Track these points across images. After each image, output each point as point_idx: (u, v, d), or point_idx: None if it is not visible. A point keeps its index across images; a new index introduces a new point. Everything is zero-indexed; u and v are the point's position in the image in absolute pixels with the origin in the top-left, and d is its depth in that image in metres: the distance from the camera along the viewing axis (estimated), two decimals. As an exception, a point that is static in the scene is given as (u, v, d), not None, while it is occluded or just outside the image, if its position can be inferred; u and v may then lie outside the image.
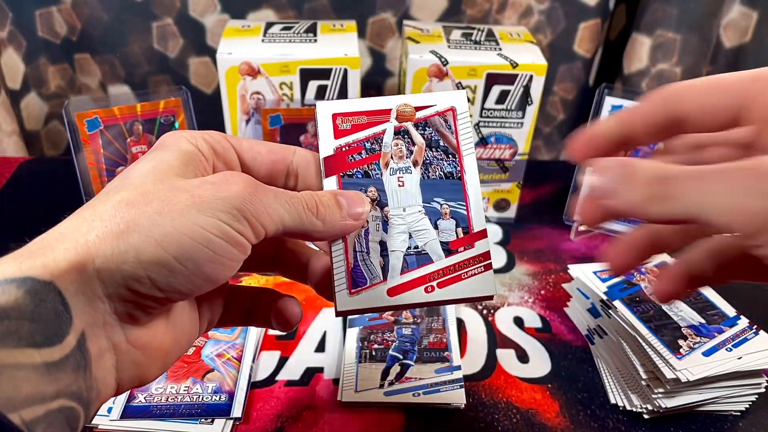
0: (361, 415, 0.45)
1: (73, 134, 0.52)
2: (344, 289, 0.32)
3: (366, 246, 0.33)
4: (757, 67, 0.78)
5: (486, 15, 0.75)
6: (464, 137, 0.34)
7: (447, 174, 0.34)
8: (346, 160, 0.33)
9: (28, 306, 0.22)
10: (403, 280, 0.33)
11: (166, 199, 0.25)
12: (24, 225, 0.63)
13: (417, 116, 0.34)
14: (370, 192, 0.33)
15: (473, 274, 0.33)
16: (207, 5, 0.73)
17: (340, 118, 0.34)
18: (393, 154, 0.34)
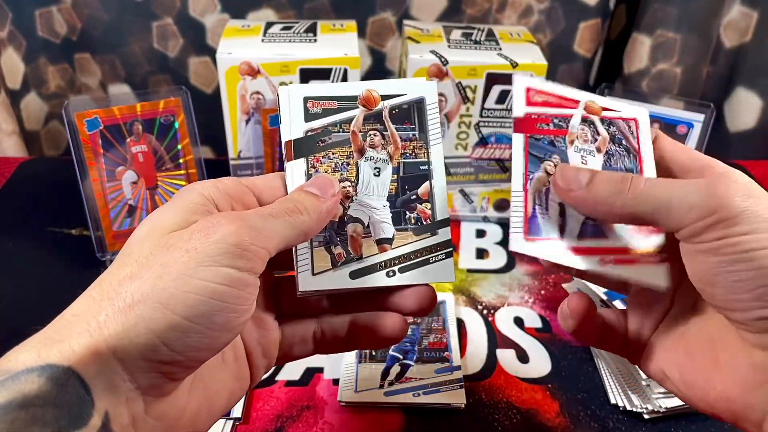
0: (361, 415, 0.45)
1: (73, 134, 0.52)
2: (520, 233, 0.33)
3: (546, 203, 0.33)
4: (757, 66, 0.78)
5: (486, 15, 0.75)
6: (645, 145, 0.35)
7: (628, 169, 0.34)
8: (535, 126, 0.34)
9: (51, 392, 0.22)
10: (579, 244, 0.33)
11: (164, 261, 0.25)
12: (24, 225, 0.63)
13: (603, 114, 0.35)
14: (555, 158, 0.34)
15: (649, 261, 0.33)
16: (207, 5, 0.73)
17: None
18: (579, 135, 0.34)
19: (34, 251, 0.59)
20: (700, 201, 0.28)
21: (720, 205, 0.27)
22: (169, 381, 0.26)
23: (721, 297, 0.28)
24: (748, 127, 0.78)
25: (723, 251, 0.27)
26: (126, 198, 0.55)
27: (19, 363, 0.23)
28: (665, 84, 0.74)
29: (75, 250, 0.59)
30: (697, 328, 0.32)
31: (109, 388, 0.24)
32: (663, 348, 0.33)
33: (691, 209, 0.28)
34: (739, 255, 0.27)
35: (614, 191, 0.29)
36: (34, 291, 0.55)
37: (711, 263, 0.28)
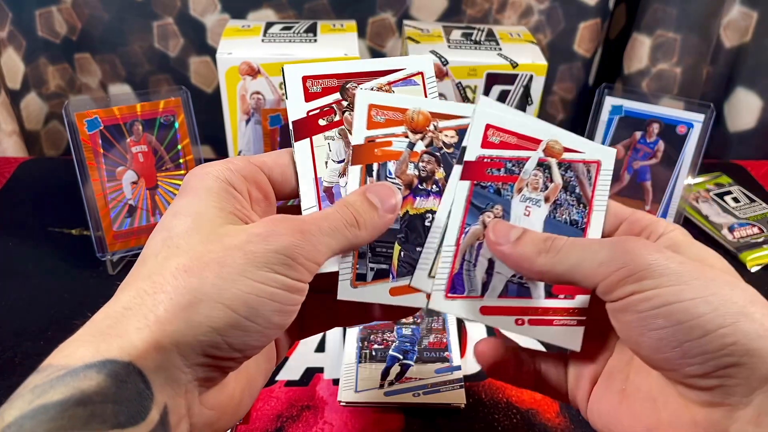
0: (361, 415, 0.45)
1: (73, 134, 0.52)
2: (441, 291, 0.33)
3: (475, 258, 0.33)
4: (757, 66, 0.78)
5: (486, 15, 0.75)
6: (600, 193, 0.34)
7: (573, 221, 0.34)
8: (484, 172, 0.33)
9: (111, 389, 0.22)
10: (498, 303, 0.33)
11: (221, 261, 0.25)
12: (24, 225, 0.63)
13: (563, 156, 0.34)
14: (496, 210, 0.33)
15: (565, 323, 0.33)
16: (207, 5, 0.73)
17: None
18: (530, 182, 0.33)
19: (34, 251, 0.59)
20: (609, 256, 0.28)
21: (628, 260, 0.27)
22: (223, 374, 0.27)
23: (649, 357, 0.28)
24: (748, 127, 0.78)
25: (638, 308, 0.27)
26: (126, 198, 0.55)
27: (76, 358, 0.23)
28: (665, 84, 0.74)
29: (75, 250, 0.59)
30: (636, 386, 0.31)
31: (169, 381, 0.24)
32: (606, 404, 0.32)
33: (600, 265, 0.28)
34: (656, 311, 0.26)
35: (536, 250, 0.30)
36: (34, 291, 0.55)
37: (631, 322, 0.27)
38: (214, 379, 0.27)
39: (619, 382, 0.32)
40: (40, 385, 0.22)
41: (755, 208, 0.67)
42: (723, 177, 0.72)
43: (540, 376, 0.35)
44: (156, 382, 0.24)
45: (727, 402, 0.26)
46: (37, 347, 0.49)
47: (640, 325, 0.27)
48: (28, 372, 0.24)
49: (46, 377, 0.22)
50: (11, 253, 0.59)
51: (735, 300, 0.26)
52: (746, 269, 0.60)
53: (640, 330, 0.27)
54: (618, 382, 0.32)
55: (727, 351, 0.25)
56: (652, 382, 0.30)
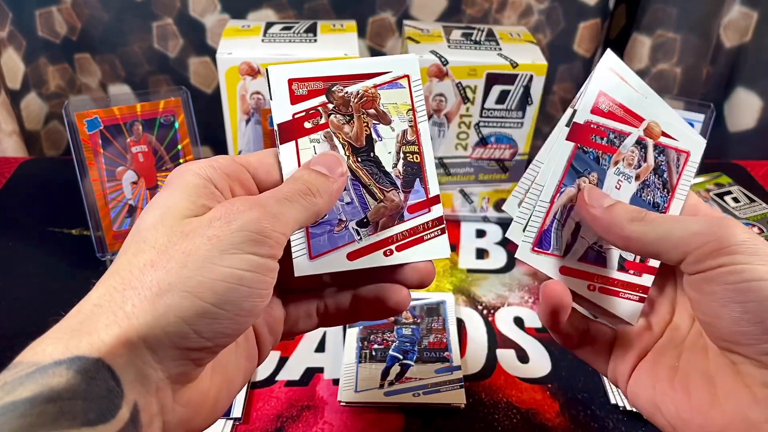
0: (361, 415, 0.45)
1: (73, 134, 0.52)
2: (529, 243, 0.34)
3: (565, 219, 0.34)
4: (757, 66, 0.78)
5: (486, 15, 0.75)
6: (684, 182, 0.36)
7: (655, 203, 0.35)
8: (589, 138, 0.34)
9: (80, 386, 0.22)
10: (576, 266, 0.35)
11: (185, 250, 0.25)
12: (24, 225, 0.63)
13: (660, 140, 0.35)
14: (592, 176, 0.34)
15: (629, 297, 0.35)
16: (207, 5, 0.73)
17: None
18: (626, 157, 0.35)
19: (34, 251, 0.59)
20: (704, 228, 0.29)
21: (723, 234, 0.28)
22: (196, 367, 0.26)
23: (726, 330, 0.28)
24: (748, 127, 0.78)
25: (727, 279, 0.28)
26: (126, 198, 0.55)
27: (46, 355, 0.23)
28: (665, 84, 0.74)
29: (75, 250, 0.59)
30: (691, 364, 0.32)
31: (139, 378, 0.24)
32: (654, 380, 0.33)
33: (694, 235, 0.29)
34: (744, 284, 0.27)
35: (629, 217, 0.31)
36: (34, 291, 0.55)
37: (716, 294, 0.28)
38: (187, 374, 0.26)
39: (671, 359, 0.33)
40: (9, 381, 0.22)
41: (755, 208, 0.67)
42: (723, 177, 0.72)
43: (586, 337, 0.36)
44: (126, 379, 0.23)
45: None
46: (37, 347, 0.49)
47: (725, 296, 0.28)
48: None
49: (16, 374, 0.22)
50: (11, 253, 0.59)
51: None
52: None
53: (724, 302, 0.28)
54: (669, 359, 0.33)
55: None
56: (709, 362, 0.31)
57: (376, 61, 0.34)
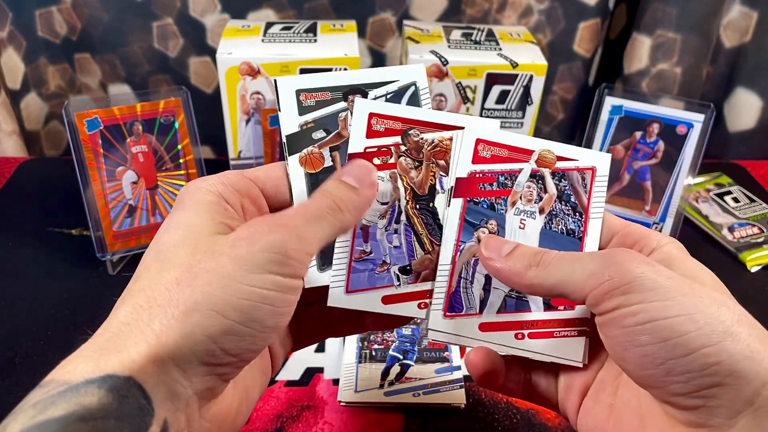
0: (361, 415, 0.45)
1: (73, 134, 0.52)
2: (440, 310, 0.33)
3: (472, 275, 0.33)
4: (757, 66, 0.78)
5: (486, 15, 0.75)
6: (596, 200, 0.34)
7: (569, 230, 0.34)
8: (477, 188, 0.33)
9: (112, 404, 0.22)
10: (497, 319, 0.33)
11: (210, 268, 0.25)
12: (24, 225, 0.63)
13: (556, 165, 0.34)
14: (491, 224, 0.33)
15: (566, 335, 0.33)
16: (207, 5, 0.73)
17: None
18: (523, 195, 0.33)
19: (34, 251, 0.59)
20: (597, 268, 0.27)
21: (615, 271, 0.27)
22: (222, 382, 0.27)
23: (634, 374, 0.27)
24: (748, 127, 0.78)
25: (624, 323, 0.26)
26: (126, 198, 0.55)
27: (77, 374, 0.23)
28: (665, 84, 0.74)
29: (75, 250, 0.59)
30: (624, 402, 0.31)
31: (169, 395, 0.24)
32: (595, 420, 0.32)
33: (589, 276, 0.28)
34: (641, 327, 0.26)
35: (527, 264, 0.30)
36: (34, 291, 0.55)
37: (617, 336, 0.27)
38: (214, 389, 0.27)
39: (609, 396, 0.31)
40: (42, 400, 0.22)
41: (755, 208, 0.67)
42: (723, 177, 0.72)
43: (530, 385, 0.35)
44: (156, 397, 0.24)
45: (710, 423, 0.26)
46: (37, 347, 0.49)
47: (625, 340, 0.27)
48: (28, 372, 0.24)
49: (48, 393, 0.23)
50: (11, 253, 0.59)
51: (722, 319, 0.25)
52: (746, 269, 0.60)
53: (624, 345, 0.27)
54: (607, 396, 0.31)
55: (710, 371, 0.25)
56: (641, 399, 0.29)
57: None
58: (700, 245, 0.64)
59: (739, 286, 0.58)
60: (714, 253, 0.63)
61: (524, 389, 0.35)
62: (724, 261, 0.62)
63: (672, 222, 0.60)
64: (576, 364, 0.33)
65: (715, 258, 0.62)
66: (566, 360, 0.33)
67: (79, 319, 0.51)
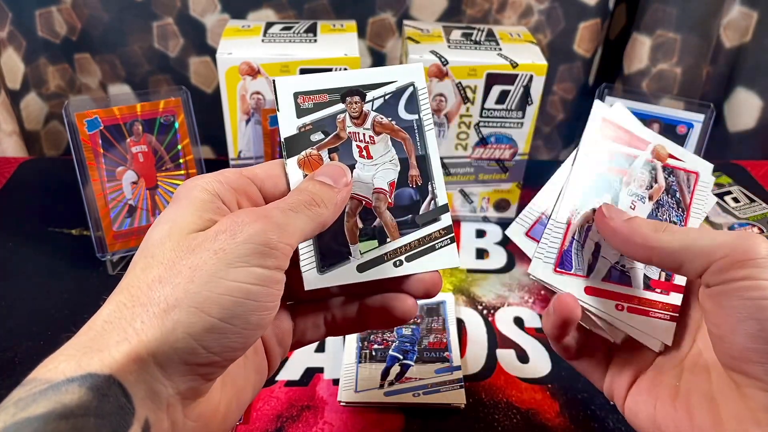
0: (361, 415, 0.45)
1: (73, 134, 0.52)
2: (551, 263, 0.34)
3: (584, 239, 0.35)
4: (757, 66, 0.78)
5: (486, 15, 0.75)
6: (698, 203, 0.37)
7: (672, 222, 0.36)
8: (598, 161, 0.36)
9: (92, 402, 0.22)
10: (602, 286, 0.35)
11: (192, 265, 0.25)
12: (24, 225, 0.63)
13: (667, 161, 0.36)
14: (606, 196, 0.35)
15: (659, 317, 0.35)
16: (207, 5, 0.73)
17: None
18: (637, 178, 0.36)
19: (34, 251, 0.59)
20: (729, 240, 0.28)
21: (747, 246, 0.28)
22: (206, 381, 0.26)
23: (739, 346, 0.28)
24: (748, 127, 0.78)
25: (747, 294, 0.27)
26: (126, 198, 0.55)
27: (58, 372, 0.23)
28: (665, 84, 0.74)
29: (75, 250, 0.59)
30: (692, 385, 0.31)
31: (150, 395, 0.24)
32: (654, 399, 0.32)
33: (719, 246, 0.28)
34: (765, 302, 0.27)
35: (652, 227, 0.31)
36: (34, 291, 0.55)
37: (734, 308, 0.28)
38: (197, 389, 0.26)
39: (671, 378, 0.32)
40: (23, 398, 0.22)
41: (755, 208, 0.67)
42: (723, 177, 0.72)
43: (584, 350, 0.36)
44: (137, 395, 0.24)
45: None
46: (37, 347, 0.49)
47: (743, 311, 0.27)
48: (28, 372, 0.24)
49: (29, 391, 0.23)
50: (11, 253, 0.59)
51: None
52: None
53: (741, 317, 0.27)
54: (670, 378, 0.32)
55: None
56: (712, 383, 0.30)
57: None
58: (700, 245, 0.64)
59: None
60: (714, 253, 0.63)
61: (578, 351, 0.36)
62: (724, 261, 0.62)
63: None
64: (659, 347, 0.34)
65: (715, 258, 0.62)
66: (656, 340, 0.34)
67: (79, 319, 0.51)
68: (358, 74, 0.34)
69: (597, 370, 0.36)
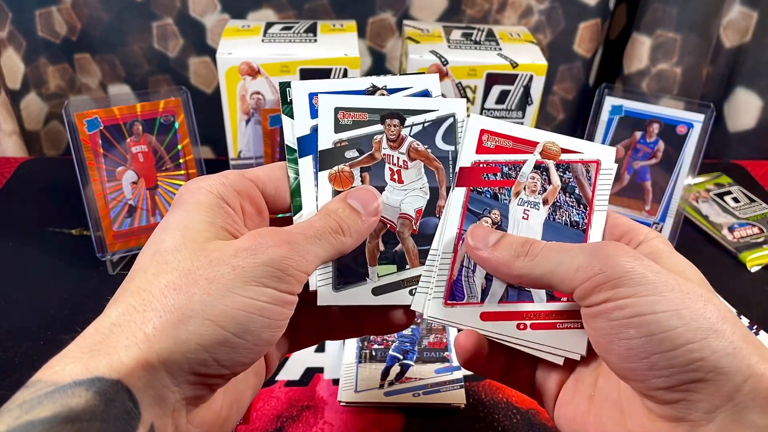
0: (361, 415, 0.45)
1: (73, 134, 0.52)
2: (440, 299, 0.33)
3: (474, 265, 0.33)
4: (757, 66, 0.78)
5: (486, 15, 0.75)
6: (601, 193, 0.34)
7: (573, 222, 0.34)
8: (480, 177, 0.33)
9: (99, 407, 0.22)
10: (499, 308, 0.33)
11: (209, 276, 0.25)
12: (24, 225, 0.63)
13: (561, 158, 0.34)
14: (494, 214, 0.33)
15: (568, 327, 0.33)
16: (207, 5, 0.73)
17: (487, 135, 0.34)
18: (527, 185, 0.33)
19: (34, 251, 0.59)
20: (586, 261, 0.27)
21: (605, 265, 0.27)
22: (210, 391, 0.27)
23: (617, 366, 0.28)
24: (748, 127, 0.78)
25: (611, 316, 0.27)
26: (126, 198, 0.55)
27: (65, 375, 0.23)
28: (665, 84, 0.74)
29: (75, 250, 0.59)
30: (604, 393, 0.31)
31: (157, 401, 0.24)
32: (574, 411, 0.32)
33: (578, 270, 0.28)
34: (628, 320, 0.26)
35: (514, 254, 0.30)
36: (34, 291, 0.55)
37: (603, 329, 0.27)
38: (202, 397, 0.26)
39: (588, 387, 0.31)
40: (28, 400, 0.22)
41: (755, 208, 0.67)
42: (723, 177, 0.72)
43: (509, 370, 0.34)
44: (144, 401, 0.24)
45: (689, 418, 0.26)
46: (37, 347, 0.49)
47: (611, 333, 0.27)
48: (28, 372, 0.24)
49: (35, 393, 0.22)
50: (11, 253, 0.59)
51: (707, 315, 0.26)
52: (746, 269, 0.60)
53: (610, 338, 0.27)
54: (587, 387, 0.32)
55: (694, 366, 0.25)
56: (620, 391, 0.30)
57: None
58: (700, 245, 0.64)
59: (739, 286, 0.59)
60: (714, 253, 0.63)
61: (503, 373, 0.34)
62: (724, 261, 0.62)
63: (672, 222, 0.60)
64: (575, 356, 0.33)
65: (715, 258, 0.62)
66: (567, 352, 0.32)
67: (79, 319, 0.51)
68: (401, 99, 0.34)
69: (526, 387, 0.35)
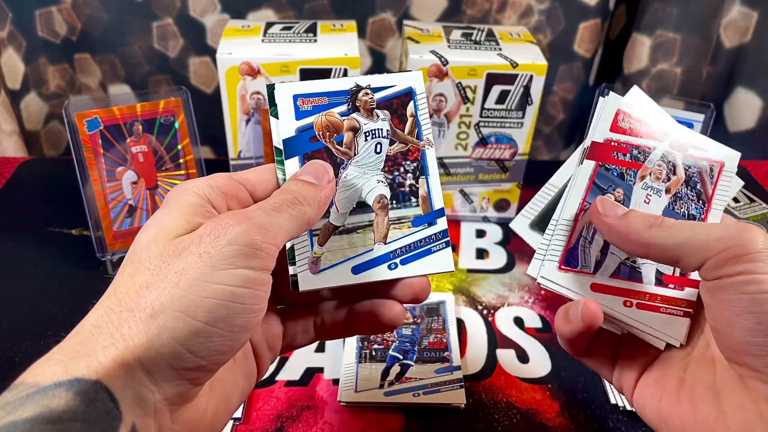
0: (361, 415, 0.45)
1: (73, 134, 0.52)
2: (555, 261, 0.34)
3: (592, 236, 0.34)
4: (757, 66, 0.78)
5: (486, 15, 0.75)
6: (721, 193, 0.35)
7: (691, 215, 0.35)
8: (610, 155, 0.34)
9: (79, 407, 0.22)
10: (609, 282, 0.34)
11: (178, 269, 0.25)
12: (24, 225, 0.63)
13: (688, 152, 0.35)
14: (617, 192, 0.34)
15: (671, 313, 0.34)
16: (207, 5, 0.73)
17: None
18: (653, 171, 0.34)
19: (34, 251, 0.59)
20: (725, 234, 0.28)
21: (744, 240, 0.28)
22: (193, 387, 0.26)
23: (737, 339, 0.28)
24: (748, 127, 0.78)
25: (744, 288, 0.27)
26: (126, 198, 0.55)
27: (46, 377, 0.23)
28: (665, 84, 0.74)
29: (75, 250, 0.59)
30: (697, 377, 0.31)
31: (137, 401, 0.24)
32: (660, 392, 0.32)
33: (716, 240, 0.28)
34: (761, 295, 0.27)
35: (646, 224, 0.30)
36: (34, 291, 0.55)
37: (731, 302, 0.28)
38: (185, 394, 0.26)
39: (677, 371, 0.32)
40: (11, 402, 0.22)
41: (755, 208, 0.67)
42: (723, 177, 0.72)
43: (593, 346, 0.35)
44: (124, 401, 0.24)
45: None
46: (37, 347, 0.49)
47: (740, 305, 0.27)
48: (28, 372, 0.24)
49: (17, 395, 0.23)
50: (11, 253, 0.59)
51: None
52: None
53: (738, 310, 0.28)
54: (676, 371, 0.32)
55: None
56: (716, 375, 0.30)
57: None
58: (700, 245, 0.64)
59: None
60: (714, 253, 0.63)
61: (587, 348, 0.35)
62: (724, 261, 0.62)
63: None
64: (675, 342, 0.34)
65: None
66: (669, 337, 0.33)
67: (79, 319, 0.51)
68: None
69: (606, 365, 0.36)
